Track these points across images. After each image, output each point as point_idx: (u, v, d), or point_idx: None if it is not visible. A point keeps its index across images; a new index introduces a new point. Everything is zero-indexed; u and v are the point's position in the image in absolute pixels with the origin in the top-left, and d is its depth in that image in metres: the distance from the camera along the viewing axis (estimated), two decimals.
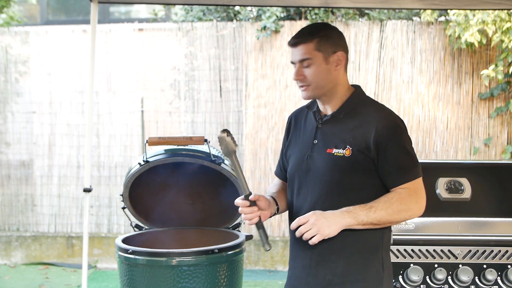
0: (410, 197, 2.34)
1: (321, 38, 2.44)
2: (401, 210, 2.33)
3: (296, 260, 2.55)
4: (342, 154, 2.41)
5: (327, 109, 2.53)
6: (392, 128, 2.39)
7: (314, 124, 2.55)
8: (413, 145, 2.47)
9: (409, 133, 2.49)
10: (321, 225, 2.29)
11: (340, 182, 2.42)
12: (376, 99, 2.64)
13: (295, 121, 2.66)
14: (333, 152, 2.43)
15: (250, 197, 2.45)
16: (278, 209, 2.61)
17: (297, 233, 2.34)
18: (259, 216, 2.46)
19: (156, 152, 3.26)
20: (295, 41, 2.48)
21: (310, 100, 2.62)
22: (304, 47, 2.45)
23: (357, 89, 2.54)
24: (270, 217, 2.56)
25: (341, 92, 2.50)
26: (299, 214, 2.47)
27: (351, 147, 2.40)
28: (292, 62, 2.52)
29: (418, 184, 2.39)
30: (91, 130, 4.16)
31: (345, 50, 2.50)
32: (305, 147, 2.55)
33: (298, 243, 2.51)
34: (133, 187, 3.33)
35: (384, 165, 2.38)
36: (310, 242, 2.32)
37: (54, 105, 7.31)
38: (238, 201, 2.48)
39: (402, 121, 2.47)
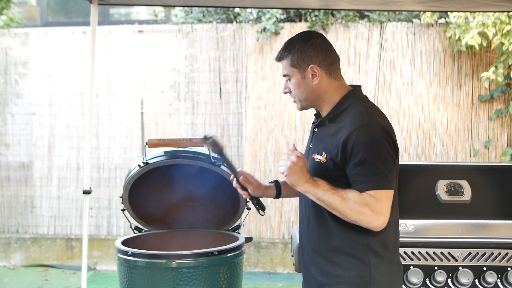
0: (368, 202, 2.24)
1: (294, 54, 2.46)
2: (353, 209, 2.25)
3: (302, 258, 2.64)
4: (319, 161, 2.42)
5: (323, 114, 2.55)
6: (361, 136, 2.29)
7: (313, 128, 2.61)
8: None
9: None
10: (292, 168, 2.33)
11: None
12: (375, 101, 2.61)
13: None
14: (314, 158, 2.46)
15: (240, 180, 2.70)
16: (279, 193, 2.77)
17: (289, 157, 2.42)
18: (248, 193, 2.70)
19: (155, 154, 3.26)
20: (276, 57, 2.54)
21: None
22: (283, 63, 2.50)
23: (350, 92, 2.49)
24: (275, 198, 2.80)
25: (330, 98, 2.48)
26: (300, 215, 2.60)
27: (326, 154, 2.39)
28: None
29: (380, 195, 2.26)
30: (91, 132, 4.15)
31: (321, 61, 2.44)
32: (307, 150, 2.60)
33: (302, 241, 2.61)
34: (133, 189, 3.32)
35: (348, 172, 2.33)
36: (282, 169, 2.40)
37: (54, 106, 7.30)
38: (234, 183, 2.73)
39: (380, 129, 2.34)
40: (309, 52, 2.45)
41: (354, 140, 2.29)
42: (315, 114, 2.61)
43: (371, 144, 2.29)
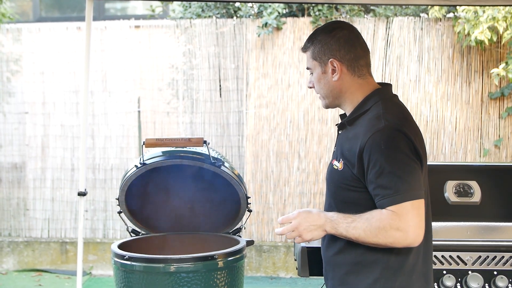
0: (391, 222, 2.11)
1: (316, 46, 2.37)
2: (378, 234, 2.13)
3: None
4: (337, 167, 2.32)
5: (347, 115, 2.43)
6: (377, 143, 2.15)
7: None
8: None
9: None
10: (303, 230, 2.26)
11: (335, 196, 2.36)
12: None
13: None
14: (333, 164, 2.36)
15: None
16: None
17: (279, 232, 2.32)
18: None
19: (153, 154, 3.22)
20: (301, 48, 2.47)
21: None
22: (306, 55, 2.43)
23: (374, 92, 2.34)
24: None
25: (352, 97, 2.36)
26: None
27: (343, 161, 2.28)
28: None
29: (405, 208, 2.11)
30: (86, 131, 4.16)
31: (343, 55, 2.31)
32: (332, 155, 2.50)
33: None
34: (130, 191, 3.28)
35: (368, 185, 2.20)
36: (295, 241, 2.33)
37: (48, 105, 7.30)
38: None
39: (396, 133, 2.18)
40: (330, 44, 2.34)
41: (370, 148, 2.16)
42: (340, 115, 2.48)
43: (388, 151, 2.15)
